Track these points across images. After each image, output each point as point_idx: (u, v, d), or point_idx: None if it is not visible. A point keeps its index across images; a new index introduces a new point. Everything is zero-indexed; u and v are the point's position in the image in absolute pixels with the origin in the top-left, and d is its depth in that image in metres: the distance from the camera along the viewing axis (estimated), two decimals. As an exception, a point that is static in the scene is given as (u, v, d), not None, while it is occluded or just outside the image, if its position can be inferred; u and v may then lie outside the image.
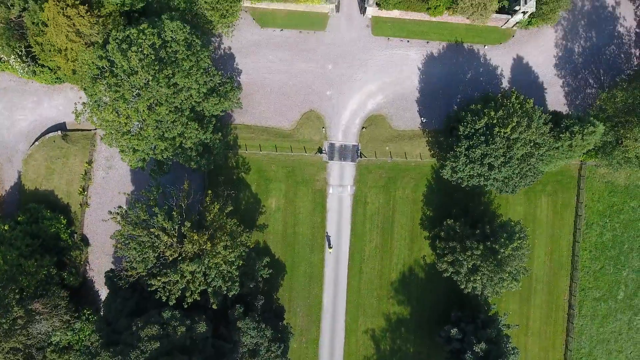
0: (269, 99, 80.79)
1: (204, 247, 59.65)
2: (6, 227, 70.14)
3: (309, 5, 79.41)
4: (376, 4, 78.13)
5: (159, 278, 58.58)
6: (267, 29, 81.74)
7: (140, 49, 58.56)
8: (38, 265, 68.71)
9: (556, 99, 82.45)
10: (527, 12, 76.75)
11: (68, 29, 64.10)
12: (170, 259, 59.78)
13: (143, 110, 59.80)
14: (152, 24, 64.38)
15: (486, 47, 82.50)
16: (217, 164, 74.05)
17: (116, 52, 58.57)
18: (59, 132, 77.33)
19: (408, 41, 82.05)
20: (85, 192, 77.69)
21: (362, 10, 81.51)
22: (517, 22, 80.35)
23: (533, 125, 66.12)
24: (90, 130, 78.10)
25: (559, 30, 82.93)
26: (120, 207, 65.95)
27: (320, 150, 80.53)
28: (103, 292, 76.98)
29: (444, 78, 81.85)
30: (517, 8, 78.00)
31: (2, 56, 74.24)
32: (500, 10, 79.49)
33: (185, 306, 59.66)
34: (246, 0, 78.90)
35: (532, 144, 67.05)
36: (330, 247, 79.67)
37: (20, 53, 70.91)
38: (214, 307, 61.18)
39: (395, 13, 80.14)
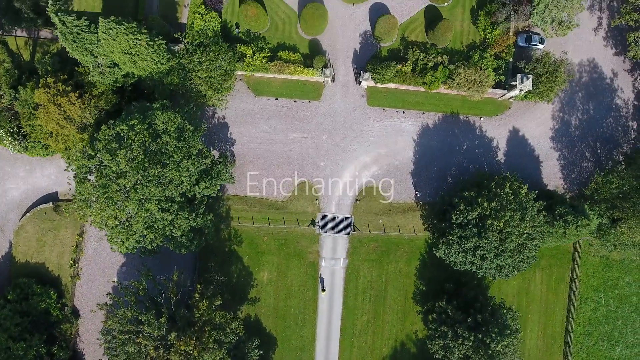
0: (262, 169, 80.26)
1: (191, 353, 59.22)
2: (-4, 307, 69.83)
3: (304, 75, 78.89)
4: (371, 78, 77.52)
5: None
6: (262, 97, 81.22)
7: (129, 149, 57.89)
8: (27, 346, 68.39)
9: (552, 173, 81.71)
10: (523, 89, 76.12)
11: (59, 117, 63.60)
12: (157, 372, 59.60)
13: (132, 208, 59.27)
14: (142, 113, 63.68)
15: (482, 118, 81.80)
16: (209, 243, 73.55)
17: (105, 153, 57.95)
18: (50, 204, 76.87)
19: (403, 112, 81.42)
20: (76, 264, 77.25)
21: (358, 79, 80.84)
22: (513, 96, 79.68)
23: (526, 218, 65.48)
24: (82, 201, 77.67)
25: (556, 102, 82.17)
26: (109, 294, 65.49)
27: (313, 223, 79.99)
28: (93, 365, 76.88)
29: (439, 149, 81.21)
30: (513, 83, 77.43)
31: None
32: (497, 85, 78.97)
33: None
34: (241, 70, 78.43)
35: (525, 236, 66.40)
36: (323, 290, 79.07)
37: (12, 131, 70.43)
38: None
39: (391, 84, 79.48)
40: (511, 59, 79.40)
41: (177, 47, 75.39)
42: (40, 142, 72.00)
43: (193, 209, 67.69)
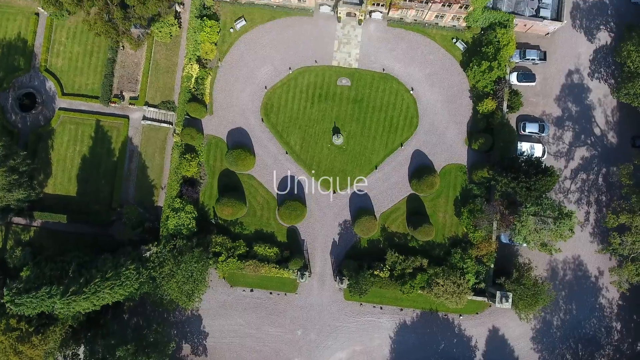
0: (237, 354, 79.10)
1: None
2: None
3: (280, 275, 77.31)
4: (348, 289, 75.80)
5: None
6: (237, 288, 79.75)
7: None
8: None
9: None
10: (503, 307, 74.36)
11: (20, 363, 62.31)
12: None
13: None
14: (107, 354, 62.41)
15: (461, 317, 79.91)
16: None
17: None
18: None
19: (381, 308, 79.65)
20: None
21: (335, 273, 79.10)
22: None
23: None
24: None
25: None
26: None
27: (284, 423, 78.72)
28: None
29: (416, 348, 79.42)
30: (493, 292, 75.61)
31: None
32: (477, 292, 76.93)
33: None
34: (214, 265, 76.78)
35: None
36: None
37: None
38: None
39: (369, 283, 77.72)
40: (492, 265, 77.29)
41: (148, 252, 73.73)
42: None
43: None
